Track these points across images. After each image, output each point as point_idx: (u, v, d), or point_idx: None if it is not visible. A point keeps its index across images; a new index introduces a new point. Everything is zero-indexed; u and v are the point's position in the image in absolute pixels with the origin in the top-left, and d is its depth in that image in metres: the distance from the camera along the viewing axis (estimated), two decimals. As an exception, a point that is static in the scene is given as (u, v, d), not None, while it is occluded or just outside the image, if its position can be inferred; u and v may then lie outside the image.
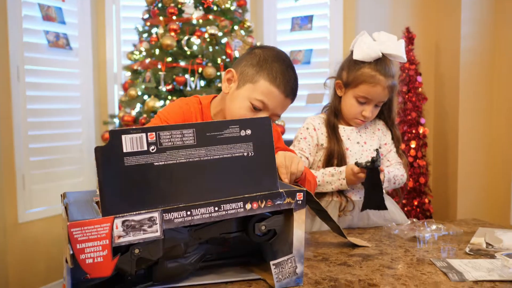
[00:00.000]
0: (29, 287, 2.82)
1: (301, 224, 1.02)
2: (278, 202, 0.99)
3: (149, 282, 1.02)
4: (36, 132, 2.87)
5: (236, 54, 2.71)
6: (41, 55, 2.91)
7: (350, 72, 1.62)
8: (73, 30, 3.12)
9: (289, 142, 1.71)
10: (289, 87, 1.30)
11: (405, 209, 2.88)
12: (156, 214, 0.91)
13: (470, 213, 2.65)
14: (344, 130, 1.69)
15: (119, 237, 0.89)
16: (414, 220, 1.52)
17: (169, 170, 0.93)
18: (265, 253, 1.15)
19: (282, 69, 1.30)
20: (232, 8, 2.80)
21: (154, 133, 0.93)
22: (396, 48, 1.61)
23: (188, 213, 0.93)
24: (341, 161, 1.63)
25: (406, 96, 2.93)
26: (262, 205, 0.98)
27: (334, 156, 1.64)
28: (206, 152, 0.96)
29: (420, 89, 2.94)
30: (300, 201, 1.01)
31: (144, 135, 0.92)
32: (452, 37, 2.93)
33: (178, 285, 1.04)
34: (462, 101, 2.88)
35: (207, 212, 0.94)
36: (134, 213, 0.90)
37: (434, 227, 1.47)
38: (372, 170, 1.50)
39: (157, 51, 2.65)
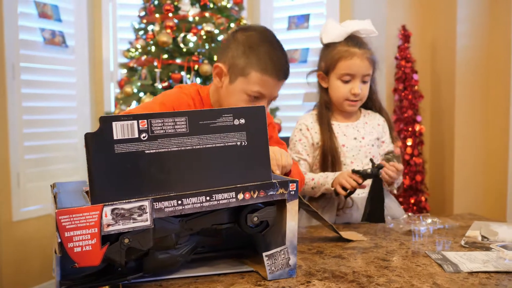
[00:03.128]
0: (23, 286, 2.80)
1: (294, 215, 1.01)
2: (271, 192, 0.98)
3: (139, 273, 1.00)
4: (31, 130, 2.86)
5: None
6: (37, 52, 2.90)
7: (326, 57, 1.64)
8: (69, 28, 3.11)
9: (285, 139, 1.70)
10: (281, 71, 1.31)
11: (402, 207, 2.87)
12: (146, 203, 0.90)
13: (467, 210, 2.64)
14: (339, 127, 1.67)
15: (108, 225, 0.88)
16: (410, 214, 1.51)
17: (161, 158, 0.92)
18: (258, 245, 1.14)
19: (270, 54, 1.29)
20: (229, 5, 2.80)
21: (145, 120, 0.91)
22: (363, 24, 1.63)
23: (179, 202, 0.91)
24: (335, 158, 1.61)
25: (403, 94, 2.93)
26: (255, 195, 0.97)
27: (328, 152, 1.62)
28: (198, 141, 0.95)
29: (416, 87, 2.94)
30: (293, 192, 1.00)
31: (135, 122, 0.90)
32: (448, 35, 2.93)
33: (169, 277, 1.02)
34: (458, 98, 2.87)
35: (199, 201, 0.93)
36: (124, 201, 0.88)
37: (429, 220, 1.46)
38: (375, 180, 1.46)
39: (153, 48, 2.64)
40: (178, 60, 2.62)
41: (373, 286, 0.99)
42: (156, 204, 0.90)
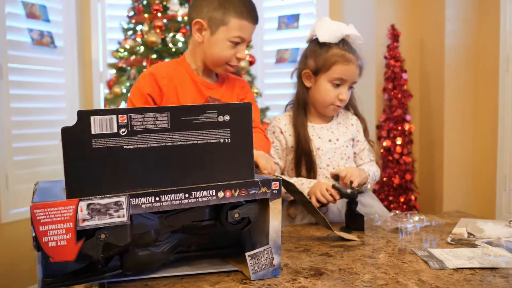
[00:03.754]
0: (13, 288, 2.78)
1: (277, 214, 1.00)
2: (253, 191, 0.97)
3: (119, 270, 0.99)
4: (20, 131, 2.84)
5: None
6: (25, 53, 2.88)
7: (319, 57, 1.58)
8: (57, 28, 3.09)
9: None
10: (254, 14, 1.44)
11: (391, 205, 2.88)
12: (123, 199, 0.89)
13: (456, 208, 2.64)
14: (313, 129, 1.64)
15: (84, 220, 0.86)
16: (397, 212, 1.52)
17: (140, 154, 0.91)
18: (245, 245, 1.14)
19: (242, 1, 1.43)
20: (218, 5, 2.79)
21: (125, 115, 0.89)
22: (353, 29, 1.61)
23: (157, 199, 0.90)
24: (310, 161, 1.59)
25: (392, 93, 2.94)
26: (236, 194, 0.96)
27: (303, 156, 1.60)
28: (180, 137, 0.93)
29: (405, 86, 2.95)
30: (276, 191, 0.99)
31: (114, 117, 0.89)
32: (436, 34, 2.94)
33: (152, 276, 1.01)
34: (447, 97, 2.89)
35: (177, 198, 0.92)
36: (100, 196, 0.87)
37: (416, 218, 1.46)
38: (351, 201, 1.45)
39: (142, 49, 2.63)
40: (167, 60, 2.61)
41: (359, 283, 0.99)
42: (133, 200, 0.89)
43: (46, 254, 0.85)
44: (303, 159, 1.59)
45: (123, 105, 2.62)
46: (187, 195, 0.92)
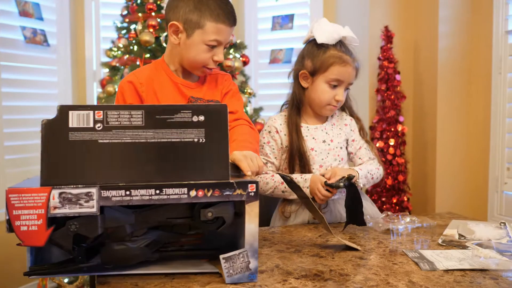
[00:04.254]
0: None
1: (254, 218, 0.98)
2: (227, 192, 0.96)
3: (95, 263, 1.03)
4: (11, 129, 2.82)
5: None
6: (18, 51, 2.86)
7: (316, 58, 1.58)
8: (51, 26, 3.07)
9: None
10: (231, 17, 1.41)
11: (384, 206, 2.89)
12: (93, 190, 0.91)
13: (449, 210, 2.65)
14: (308, 129, 1.64)
15: (55, 208, 0.90)
16: (389, 213, 1.52)
17: (113, 148, 0.95)
18: (237, 246, 1.13)
19: (219, 4, 1.40)
20: (212, 5, 2.78)
21: (102, 111, 0.95)
22: (349, 31, 1.62)
23: (127, 193, 0.92)
24: (303, 162, 1.59)
25: (385, 94, 2.94)
26: (209, 194, 0.95)
27: (296, 156, 1.60)
28: (153, 135, 0.97)
29: (398, 88, 2.96)
30: (253, 193, 0.97)
31: (91, 112, 0.95)
32: (430, 36, 2.95)
33: (130, 272, 1.03)
34: (440, 99, 2.90)
35: (147, 194, 0.93)
36: (72, 186, 0.91)
37: (408, 219, 1.47)
38: (349, 187, 1.44)
39: (135, 48, 2.62)
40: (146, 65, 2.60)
41: (349, 284, 0.99)
42: (104, 192, 0.92)
43: (17, 237, 0.91)
44: (297, 159, 1.60)
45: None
46: (158, 191, 0.93)
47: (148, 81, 1.44)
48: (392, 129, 2.92)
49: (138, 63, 2.59)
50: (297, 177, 1.56)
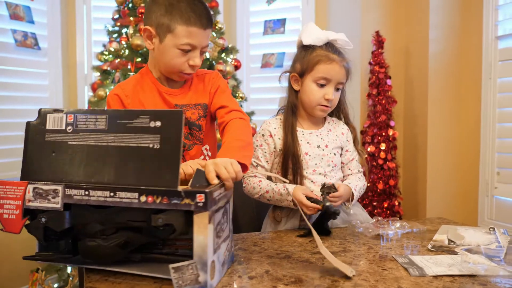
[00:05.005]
0: (-7, 292, 2.74)
1: (203, 229, 0.94)
2: (175, 201, 0.94)
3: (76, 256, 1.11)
4: (2, 133, 2.80)
5: (207, 55, 2.70)
6: (8, 54, 2.85)
7: (303, 59, 1.60)
8: (42, 29, 3.06)
9: None
10: (204, 19, 1.37)
11: (375, 211, 2.90)
12: (59, 188, 1.00)
13: (440, 214, 2.67)
14: (303, 134, 1.64)
15: (29, 201, 1.02)
16: (379, 218, 1.52)
17: (80, 150, 1.03)
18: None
19: (190, 6, 1.35)
20: (204, 9, 2.78)
21: (73, 115, 1.05)
22: (340, 35, 1.61)
23: (86, 193, 0.98)
24: (297, 165, 1.58)
25: (376, 99, 2.96)
26: (158, 201, 0.95)
27: (290, 160, 1.58)
28: (114, 138, 1.02)
29: (389, 92, 2.97)
30: (201, 203, 0.93)
31: (64, 116, 1.05)
32: (421, 41, 2.97)
33: (111, 269, 1.06)
34: (431, 104, 2.91)
35: (103, 195, 0.97)
36: (43, 182, 1.01)
37: (398, 224, 1.47)
38: (325, 214, 1.42)
39: (126, 52, 2.61)
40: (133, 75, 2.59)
41: (339, 290, 0.99)
42: (67, 190, 1.00)
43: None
44: (290, 162, 1.59)
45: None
46: (112, 194, 0.97)
47: (133, 92, 1.43)
48: (383, 134, 2.93)
49: (129, 67, 2.58)
50: (280, 189, 1.55)
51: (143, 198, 0.95)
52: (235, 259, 1.20)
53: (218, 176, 1.07)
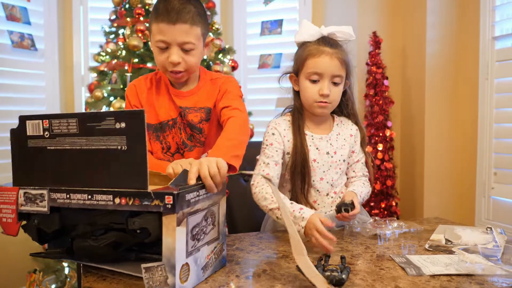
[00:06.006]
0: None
1: (171, 231, 0.93)
2: (146, 202, 0.94)
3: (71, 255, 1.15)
4: (-1, 134, 2.80)
5: (204, 56, 2.69)
6: (5, 55, 2.84)
7: (297, 58, 1.56)
8: (38, 31, 3.06)
9: (257, 145, 1.62)
10: (173, 14, 1.33)
11: (373, 211, 2.90)
12: (45, 192, 1.04)
13: (437, 214, 2.66)
14: (312, 139, 1.56)
15: (22, 205, 1.06)
16: (376, 218, 1.52)
17: (57, 155, 1.04)
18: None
19: (163, 3, 1.35)
20: (201, 10, 2.78)
21: (48, 120, 1.04)
22: (342, 27, 1.54)
23: (67, 196, 1.01)
24: (304, 172, 1.51)
25: (374, 100, 2.96)
26: (130, 202, 0.95)
27: (299, 166, 1.51)
28: (86, 142, 1.01)
29: (387, 93, 2.97)
30: (170, 205, 0.92)
31: (40, 121, 1.05)
32: (418, 42, 2.97)
33: (104, 267, 1.09)
34: (428, 104, 2.92)
35: (82, 198, 1.00)
36: (32, 187, 1.05)
37: (395, 224, 1.47)
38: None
39: (123, 52, 2.61)
40: (149, 64, 2.60)
41: (336, 290, 0.99)
42: (52, 194, 1.03)
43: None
44: (299, 168, 1.51)
45: (104, 109, 2.60)
46: (89, 197, 0.99)
47: (148, 91, 1.50)
48: (381, 134, 2.94)
49: (126, 67, 2.58)
50: (295, 210, 1.37)
51: (117, 200, 0.96)
52: (232, 259, 1.20)
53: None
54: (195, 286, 1.01)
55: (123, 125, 0.97)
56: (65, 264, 2.71)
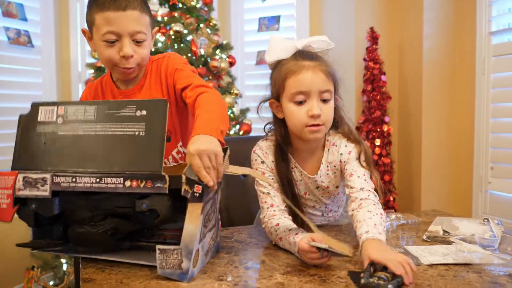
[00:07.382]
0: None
1: (194, 219, 0.96)
2: (158, 184, 0.97)
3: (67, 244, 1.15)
4: (-5, 131, 2.79)
5: (202, 51, 2.69)
6: (1, 52, 2.84)
7: (274, 80, 1.33)
8: (35, 27, 3.05)
9: (255, 140, 1.49)
10: (119, 0, 1.23)
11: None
12: (48, 176, 1.03)
13: (434, 209, 2.69)
14: (301, 175, 1.38)
15: (19, 190, 1.04)
16: (374, 210, 1.52)
17: (70, 139, 1.06)
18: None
19: None
20: (198, 6, 2.78)
21: (63, 107, 1.09)
22: (316, 37, 1.33)
23: (73, 180, 1.02)
24: (295, 204, 1.30)
25: (371, 95, 2.96)
26: (142, 185, 0.98)
27: (288, 198, 1.31)
28: (102, 128, 1.05)
29: (384, 88, 2.98)
30: (198, 194, 0.96)
31: (55, 108, 1.09)
32: (415, 37, 2.98)
33: (102, 257, 1.09)
34: (425, 99, 2.93)
35: (89, 182, 1.00)
36: (33, 171, 1.04)
37: (393, 216, 1.48)
38: None
39: (121, 48, 2.60)
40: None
41: (335, 279, 0.99)
42: (55, 178, 1.03)
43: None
44: (289, 199, 1.31)
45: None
46: (98, 180, 1.00)
47: (96, 95, 1.39)
48: (378, 130, 2.94)
49: (123, 63, 2.57)
50: (291, 238, 1.17)
51: (127, 183, 0.98)
52: (231, 251, 1.21)
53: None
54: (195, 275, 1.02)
55: (144, 112, 1.03)
56: (63, 261, 2.71)
